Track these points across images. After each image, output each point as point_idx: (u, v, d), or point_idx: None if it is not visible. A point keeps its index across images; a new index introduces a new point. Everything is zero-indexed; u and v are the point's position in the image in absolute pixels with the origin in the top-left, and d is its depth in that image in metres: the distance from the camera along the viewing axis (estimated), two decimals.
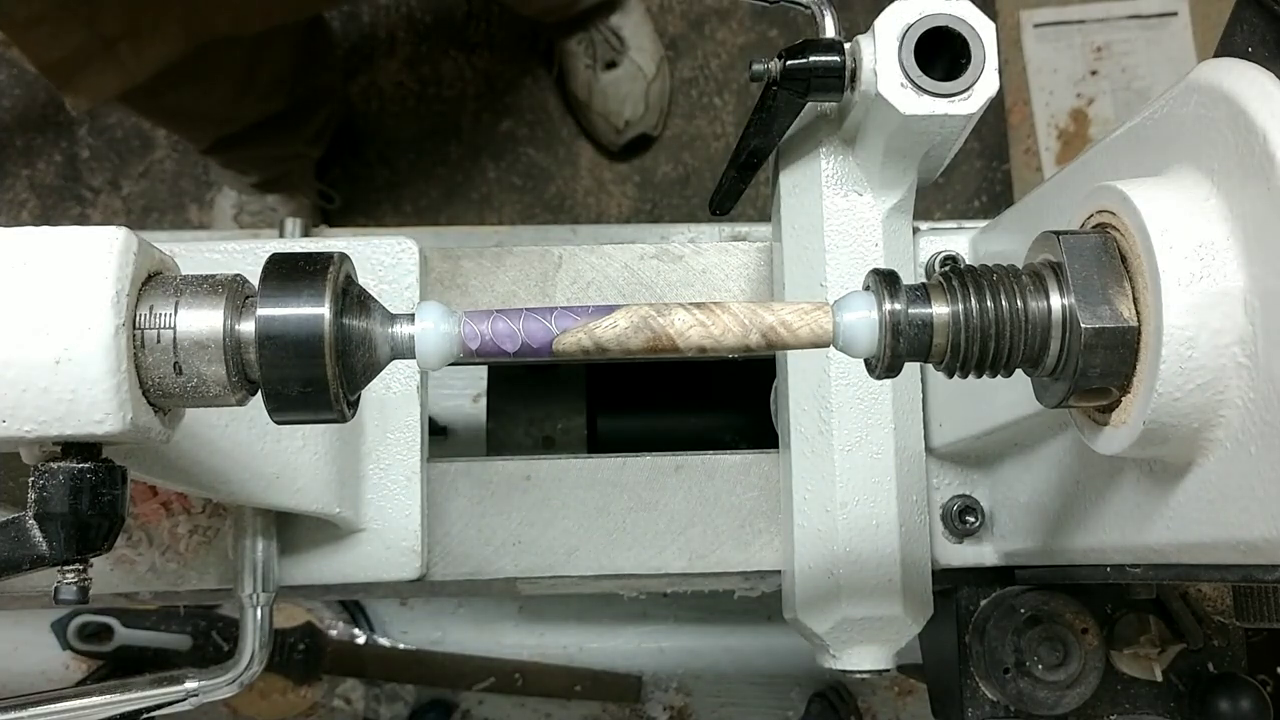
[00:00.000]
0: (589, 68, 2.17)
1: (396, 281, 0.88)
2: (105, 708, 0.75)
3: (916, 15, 0.71)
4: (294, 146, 2.03)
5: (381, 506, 0.86)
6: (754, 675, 1.55)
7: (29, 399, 0.48)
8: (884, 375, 0.55)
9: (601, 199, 2.28)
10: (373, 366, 0.53)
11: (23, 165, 2.26)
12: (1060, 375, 0.54)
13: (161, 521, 0.84)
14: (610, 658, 1.55)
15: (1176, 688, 0.85)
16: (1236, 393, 0.50)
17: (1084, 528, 0.69)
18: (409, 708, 1.55)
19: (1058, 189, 0.70)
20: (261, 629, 0.82)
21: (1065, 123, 2.23)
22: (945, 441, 0.85)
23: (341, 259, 0.53)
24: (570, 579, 0.90)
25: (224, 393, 0.51)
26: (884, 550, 0.80)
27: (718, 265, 0.92)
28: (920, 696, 1.50)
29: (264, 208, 2.10)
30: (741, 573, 0.91)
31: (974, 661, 0.85)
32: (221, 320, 0.50)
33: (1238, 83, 0.50)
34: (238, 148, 1.93)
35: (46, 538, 0.51)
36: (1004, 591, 0.87)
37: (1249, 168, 0.49)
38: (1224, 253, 0.50)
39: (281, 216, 0.95)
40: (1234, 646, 0.86)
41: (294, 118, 1.95)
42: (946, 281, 0.54)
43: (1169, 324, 0.49)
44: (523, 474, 0.90)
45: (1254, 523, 0.49)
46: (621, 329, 0.53)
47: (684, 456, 0.91)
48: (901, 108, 0.71)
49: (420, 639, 1.54)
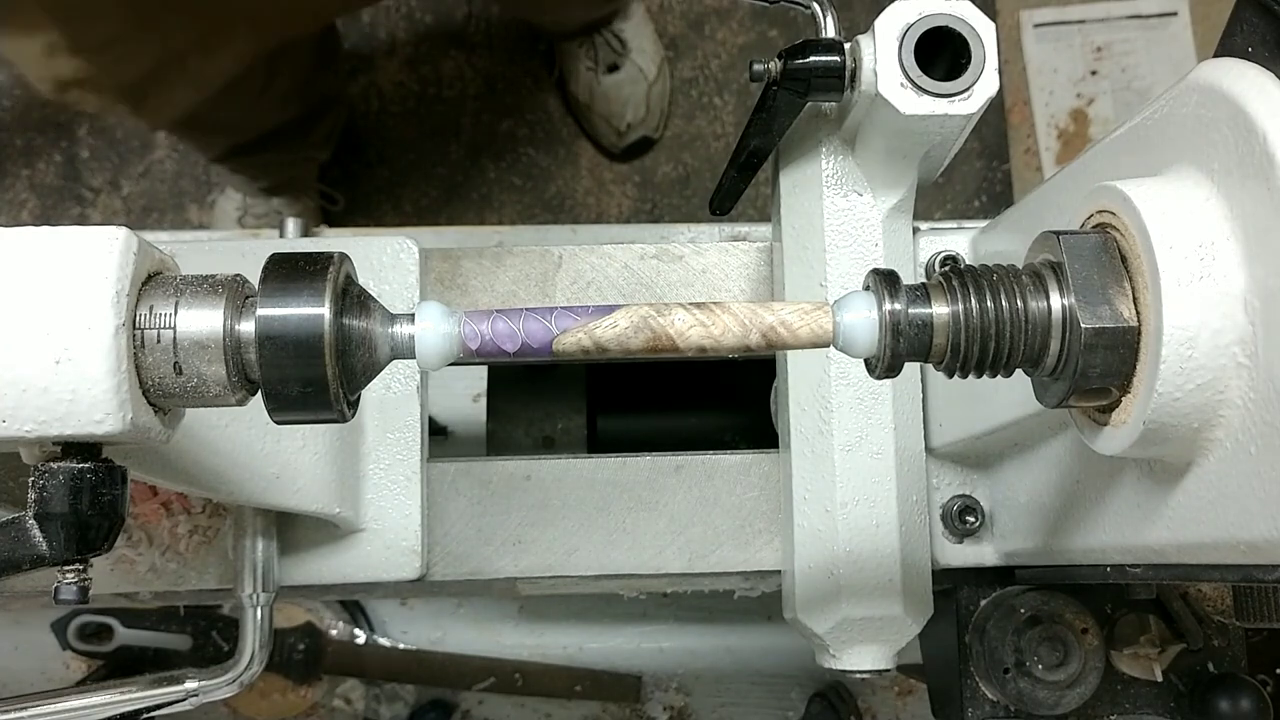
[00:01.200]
0: (590, 70, 2.17)
1: (396, 281, 0.88)
2: (105, 708, 0.75)
3: (916, 15, 0.71)
4: (305, 151, 2.03)
5: (381, 506, 0.86)
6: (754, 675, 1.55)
7: (29, 399, 0.48)
8: (884, 375, 0.55)
9: (601, 199, 2.28)
10: (373, 366, 0.53)
11: (23, 165, 2.26)
12: (1060, 375, 0.54)
13: (161, 521, 0.84)
14: (610, 658, 1.55)
15: (1176, 688, 0.85)
16: (1236, 393, 0.50)
17: (1084, 528, 0.69)
18: (409, 708, 1.55)
19: (1058, 189, 0.70)
20: (261, 629, 0.82)
21: (1065, 123, 2.23)
22: (945, 441, 0.85)
23: (341, 259, 0.53)
24: (570, 579, 0.90)
25: (224, 393, 0.51)
26: (884, 550, 0.80)
27: (718, 265, 0.92)
28: (920, 696, 1.50)
29: (269, 210, 2.09)
30: (741, 573, 0.91)
31: (974, 661, 0.85)
32: (221, 320, 0.50)
33: (1238, 83, 0.50)
34: (250, 155, 1.93)
35: (46, 538, 0.51)
36: (1004, 591, 0.87)
37: (1249, 168, 0.49)
38: (1224, 253, 0.50)
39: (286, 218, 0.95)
40: (1234, 646, 0.86)
41: (307, 123, 1.94)
42: (946, 281, 0.54)
43: (1169, 324, 0.49)
44: (523, 474, 0.90)
45: (1254, 523, 0.49)
46: (621, 329, 0.53)
47: (684, 456, 0.91)
48: (901, 108, 0.71)
49: (420, 639, 1.54)
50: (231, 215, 2.12)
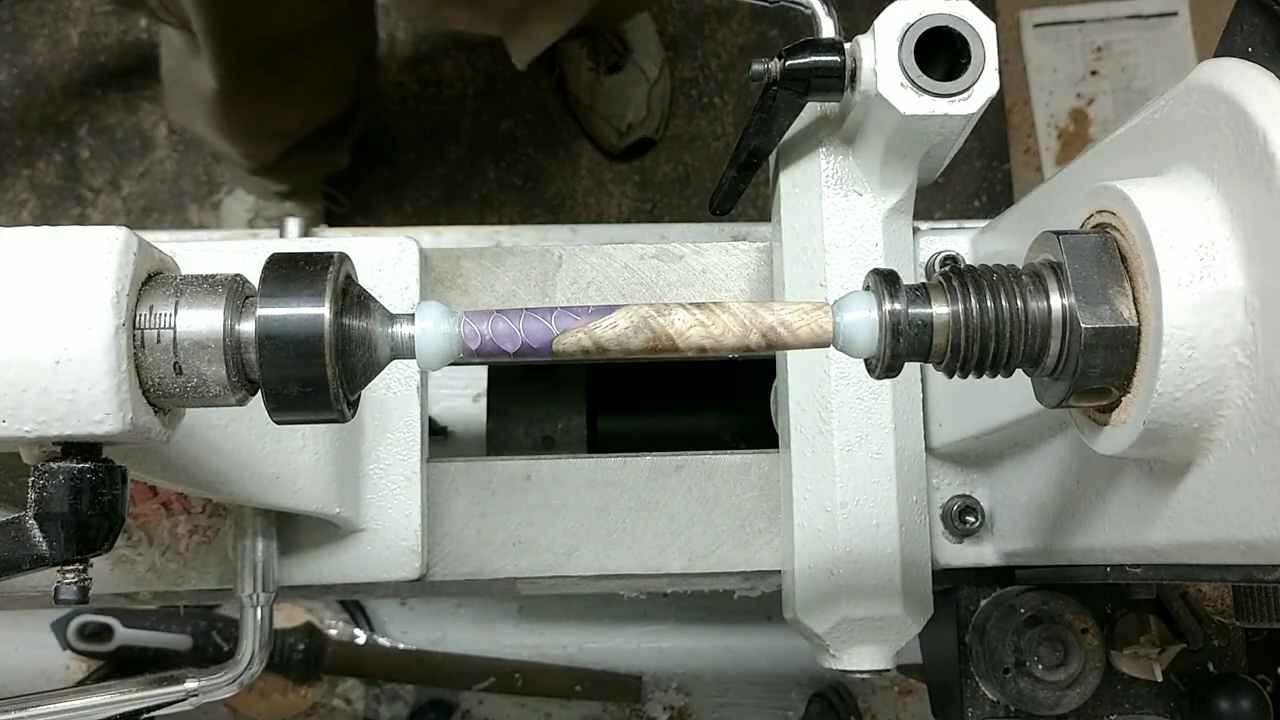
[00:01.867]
0: (591, 70, 2.17)
1: (396, 281, 0.88)
2: (105, 708, 0.75)
3: (916, 15, 0.71)
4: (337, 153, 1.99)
5: (381, 506, 0.86)
6: (754, 675, 1.55)
7: (29, 399, 0.48)
8: (884, 375, 0.55)
9: (601, 199, 2.28)
10: (373, 366, 0.53)
11: (23, 165, 2.26)
12: (1060, 375, 0.54)
13: (161, 521, 0.84)
14: (610, 658, 1.55)
15: (1176, 688, 0.85)
16: (1236, 393, 0.50)
17: (1084, 528, 0.69)
18: (409, 708, 1.55)
19: (1058, 189, 0.70)
20: (261, 629, 0.82)
21: (1065, 123, 2.23)
22: (945, 441, 0.85)
23: (341, 259, 0.53)
24: (570, 579, 0.90)
25: (224, 393, 0.51)
26: (884, 550, 0.80)
27: (718, 265, 0.92)
28: (920, 696, 1.50)
29: (281, 213, 2.07)
30: (741, 573, 0.91)
31: (974, 661, 0.85)
32: (221, 320, 0.50)
33: (1238, 83, 0.50)
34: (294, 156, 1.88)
35: (46, 538, 0.51)
36: (1004, 591, 0.87)
37: (1249, 168, 0.49)
38: (1224, 253, 0.50)
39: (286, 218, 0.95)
40: (1234, 646, 0.86)
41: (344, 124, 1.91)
42: (946, 281, 0.54)
43: (1169, 324, 0.49)
44: (523, 474, 0.90)
45: (1254, 523, 0.49)
46: (621, 329, 0.53)
47: (684, 456, 0.91)
48: (901, 108, 0.71)
49: (420, 639, 1.54)
50: (241, 217, 2.11)
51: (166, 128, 2.27)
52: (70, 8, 2.32)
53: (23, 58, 2.30)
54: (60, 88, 2.29)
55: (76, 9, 2.32)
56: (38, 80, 2.29)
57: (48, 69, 2.30)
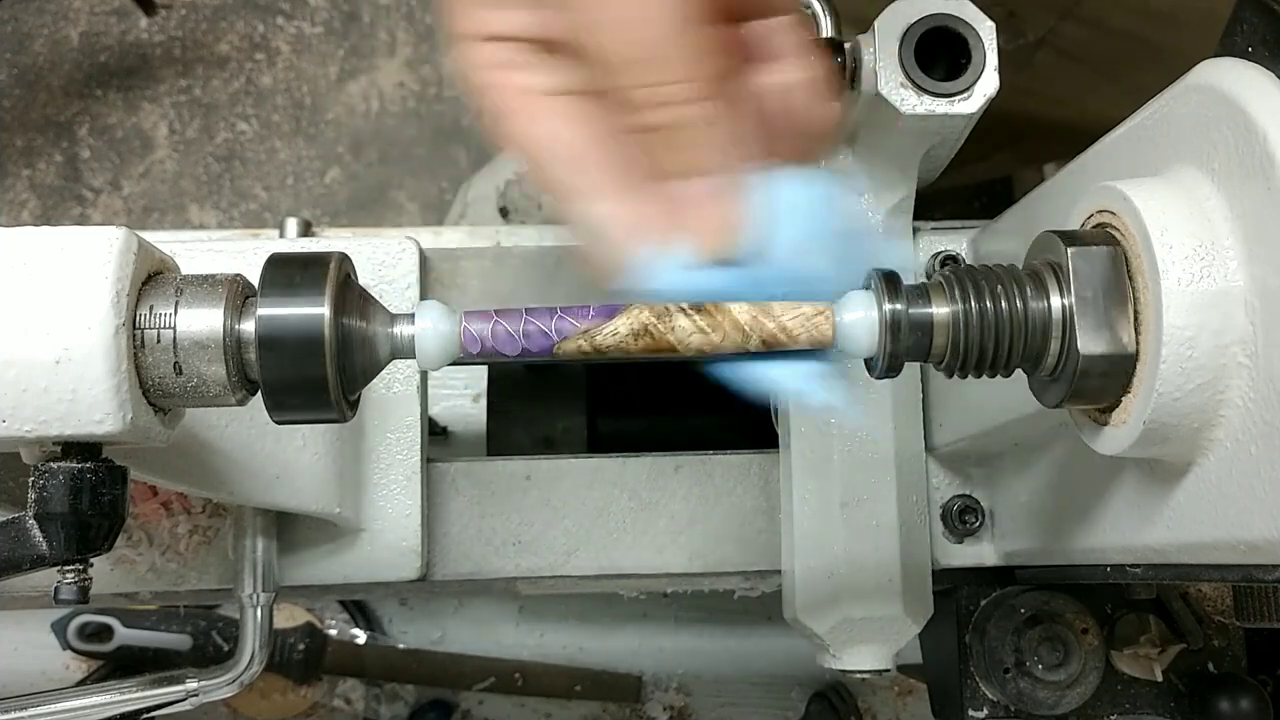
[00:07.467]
0: None
1: (396, 281, 0.88)
2: (105, 708, 0.75)
3: (917, 15, 0.71)
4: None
5: (381, 506, 0.86)
6: (754, 675, 1.54)
7: (29, 399, 0.48)
8: (884, 375, 0.55)
9: None
10: (373, 367, 0.53)
11: (23, 165, 2.26)
12: (1059, 376, 0.54)
13: (161, 521, 0.84)
14: (610, 658, 1.55)
15: (1176, 688, 0.85)
16: (1236, 393, 0.50)
17: (1084, 528, 0.69)
18: (409, 708, 1.55)
19: (1058, 189, 0.70)
20: (261, 629, 0.82)
21: None
22: (945, 441, 0.85)
23: (341, 259, 0.53)
24: (570, 579, 0.90)
25: (224, 393, 0.51)
26: (884, 550, 0.80)
27: None
28: (920, 696, 1.50)
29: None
30: (741, 572, 0.91)
31: (974, 661, 0.85)
32: (221, 320, 0.50)
33: (1237, 83, 0.50)
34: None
35: (46, 538, 0.51)
36: (1004, 591, 0.87)
37: (1249, 168, 0.49)
38: (1224, 253, 0.50)
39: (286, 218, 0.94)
40: (1234, 646, 0.86)
41: None
42: (946, 281, 0.54)
43: (1169, 324, 0.49)
44: (523, 474, 0.90)
45: (1254, 523, 0.49)
46: (622, 335, 0.53)
47: (684, 456, 0.90)
48: (902, 107, 0.71)
49: (420, 639, 1.54)
50: (492, 199, 2.02)
51: (166, 127, 2.27)
52: (70, 8, 2.32)
53: (23, 58, 2.30)
54: (60, 88, 2.29)
55: (76, 9, 2.32)
56: (38, 80, 2.29)
57: (48, 69, 2.30)
